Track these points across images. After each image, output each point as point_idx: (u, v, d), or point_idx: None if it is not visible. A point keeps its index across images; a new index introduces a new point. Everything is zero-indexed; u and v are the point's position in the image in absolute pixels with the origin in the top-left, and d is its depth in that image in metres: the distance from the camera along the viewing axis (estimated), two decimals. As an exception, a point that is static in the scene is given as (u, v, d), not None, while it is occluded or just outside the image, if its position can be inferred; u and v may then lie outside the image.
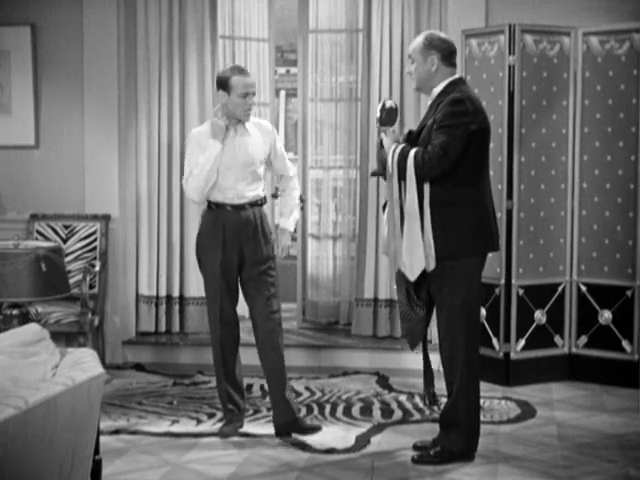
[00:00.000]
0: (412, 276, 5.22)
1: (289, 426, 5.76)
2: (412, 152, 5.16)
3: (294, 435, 5.74)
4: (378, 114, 5.38)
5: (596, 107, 6.95)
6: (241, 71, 5.67)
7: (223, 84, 5.64)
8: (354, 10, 7.95)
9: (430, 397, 5.49)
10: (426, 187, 5.14)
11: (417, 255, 5.16)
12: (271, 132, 5.87)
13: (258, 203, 5.75)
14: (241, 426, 5.86)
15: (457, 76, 5.32)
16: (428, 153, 5.10)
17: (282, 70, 12.35)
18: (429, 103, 5.37)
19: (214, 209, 5.72)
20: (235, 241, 5.68)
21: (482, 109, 5.25)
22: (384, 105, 5.39)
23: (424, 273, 5.23)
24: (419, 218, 5.15)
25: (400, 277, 5.37)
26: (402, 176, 5.19)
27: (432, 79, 5.26)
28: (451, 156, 5.08)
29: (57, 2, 7.59)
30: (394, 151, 5.23)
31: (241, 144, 5.68)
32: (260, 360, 5.87)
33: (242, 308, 6.07)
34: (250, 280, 5.76)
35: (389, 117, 5.36)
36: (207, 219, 5.77)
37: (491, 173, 5.46)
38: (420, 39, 5.30)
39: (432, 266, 5.18)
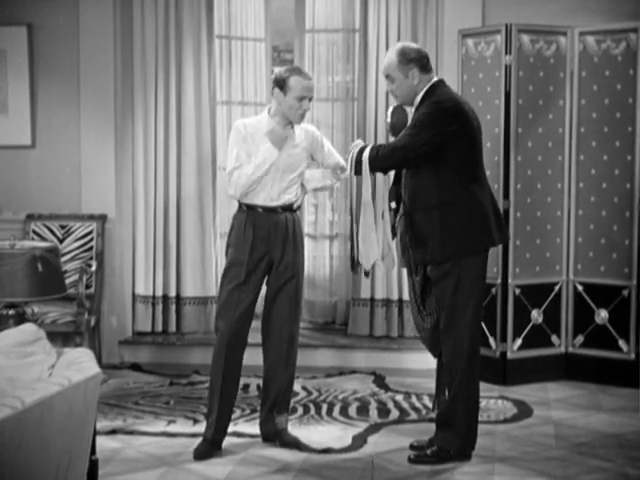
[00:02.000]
0: (367, 265, 5.35)
1: (272, 435, 5.71)
2: (369, 146, 5.27)
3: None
4: (388, 119, 5.42)
5: (592, 107, 6.95)
6: (301, 72, 5.47)
7: (280, 83, 5.43)
8: (351, 10, 7.95)
9: (441, 404, 5.49)
10: (380, 176, 5.25)
11: (372, 244, 5.24)
12: (316, 136, 5.69)
13: (292, 208, 5.56)
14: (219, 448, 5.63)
15: (436, 79, 5.30)
16: (385, 147, 5.19)
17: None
18: (413, 109, 5.36)
19: (245, 210, 5.53)
20: (263, 244, 5.50)
21: (463, 109, 5.22)
22: (394, 111, 5.42)
23: (427, 280, 5.27)
24: (373, 210, 5.27)
25: (411, 289, 5.42)
26: (358, 170, 5.27)
27: (415, 91, 5.25)
28: (413, 149, 5.10)
29: (53, 2, 7.58)
30: (357, 150, 5.32)
31: (287, 150, 5.50)
32: (266, 372, 5.73)
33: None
34: (274, 286, 5.59)
35: (401, 122, 5.39)
36: (239, 221, 5.56)
37: (487, 172, 5.46)
38: (393, 56, 5.25)
39: (391, 267, 5.40)
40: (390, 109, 5.50)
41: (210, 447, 5.50)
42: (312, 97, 5.50)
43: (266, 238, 5.48)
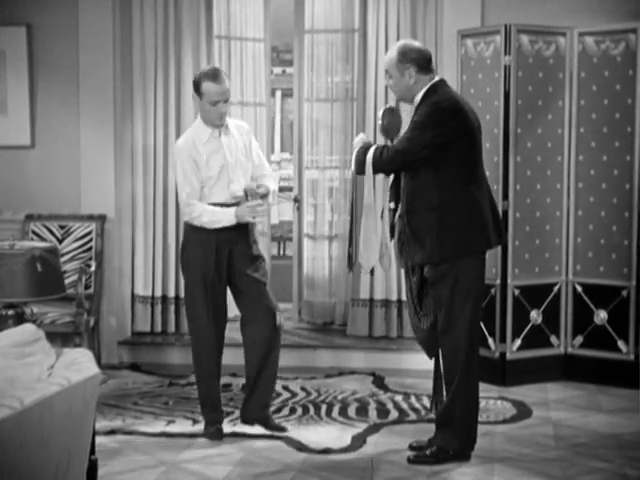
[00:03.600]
0: (367, 267, 5.42)
1: (257, 420, 5.83)
2: (372, 147, 5.26)
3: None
4: (379, 121, 5.43)
5: (592, 107, 6.95)
6: (214, 77, 5.55)
7: (195, 87, 5.61)
8: (350, 10, 7.94)
9: (438, 404, 5.50)
10: (380, 177, 5.23)
11: (372, 247, 5.26)
12: (248, 133, 5.83)
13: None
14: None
15: (437, 79, 5.30)
16: (388, 149, 5.17)
17: (278, 70, 12.37)
18: (413, 108, 5.36)
19: None
20: (226, 244, 5.65)
21: (462, 109, 5.22)
22: (384, 113, 5.43)
23: (424, 281, 5.27)
24: (374, 212, 5.29)
25: (408, 290, 5.44)
26: (360, 170, 5.26)
27: (412, 90, 5.25)
28: (413, 151, 5.10)
29: (53, 2, 7.57)
30: (358, 149, 5.33)
31: (228, 144, 5.66)
32: (247, 360, 5.88)
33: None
34: (241, 281, 5.76)
35: (393, 123, 5.40)
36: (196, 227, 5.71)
37: (487, 173, 5.45)
38: (394, 54, 5.27)
39: (388, 267, 5.41)
40: (381, 111, 5.50)
41: (216, 429, 5.74)
42: (227, 99, 5.60)
43: (227, 236, 5.63)
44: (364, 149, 5.28)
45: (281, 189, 10.63)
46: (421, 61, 5.23)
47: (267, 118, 8.33)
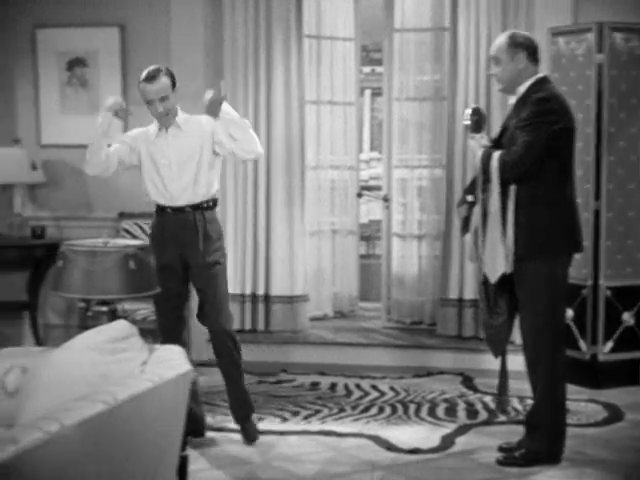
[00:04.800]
0: (493, 278, 5.21)
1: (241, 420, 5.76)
2: (496, 154, 5.14)
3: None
4: (467, 122, 5.36)
5: (687, 105, 6.83)
6: (146, 77, 5.50)
7: (138, 89, 5.61)
8: (440, 8, 7.90)
9: (503, 404, 5.46)
10: (511, 188, 5.10)
11: (498, 257, 5.14)
12: (205, 124, 5.63)
13: (202, 206, 5.60)
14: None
15: (541, 75, 5.26)
16: (511, 154, 5.07)
17: (367, 69, 12.34)
18: (512, 102, 5.33)
19: (159, 212, 5.64)
20: (176, 245, 5.55)
21: (568, 108, 5.19)
22: (472, 111, 5.37)
23: (505, 279, 5.21)
24: (501, 220, 5.13)
25: (481, 285, 5.38)
26: (486, 178, 5.18)
27: (519, 78, 5.20)
28: (535, 155, 5.03)
29: (145, 3, 7.68)
30: (481, 155, 5.21)
31: (173, 143, 5.58)
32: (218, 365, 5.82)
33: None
34: (197, 286, 5.66)
35: (478, 123, 5.33)
36: (154, 222, 5.70)
37: (579, 173, 5.39)
38: (503, 39, 5.25)
39: (509, 269, 5.16)
40: (468, 110, 5.45)
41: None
42: (164, 97, 5.51)
43: (176, 238, 5.54)
44: (486, 156, 5.21)
45: (370, 188, 10.66)
46: (530, 48, 5.22)
47: (356, 117, 8.33)
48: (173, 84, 5.59)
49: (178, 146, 5.58)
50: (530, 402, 5.61)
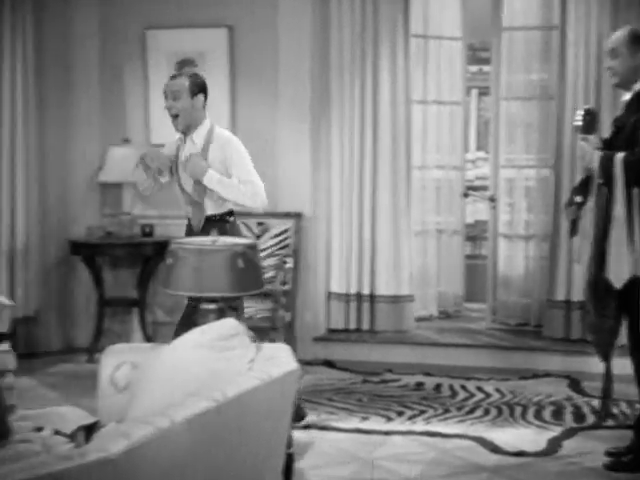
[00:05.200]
0: (618, 284, 5.08)
1: None
2: (619, 155, 5.02)
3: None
4: (580, 122, 5.26)
5: None
6: (171, 76, 5.61)
7: None
8: (549, 6, 7.80)
9: (606, 408, 5.36)
10: (635, 191, 4.99)
11: (624, 262, 5.02)
12: (227, 143, 5.87)
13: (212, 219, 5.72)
14: None
15: None
16: (635, 154, 4.96)
17: (474, 68, 12.25)
18: (624, 100, 5.23)
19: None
20: None
21: None
22: (585, 112, 5.28)
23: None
24: (627, 223, 5.03)
25: (588, 287, 5.25)
26: (606, 182, 5.07)
27: (635, 75, 5.12)
28: None
29: (253, 4, 7.74)
30: (600, 157, 5.10)
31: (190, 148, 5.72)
32: None
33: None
34: None
35: (590, 124, 5.24)
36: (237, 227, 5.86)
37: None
38: (625, 33, 5.17)
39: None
40: (580, 111, 5.36)
41: None
42: (176, 95, 5.52)
43: None
44: (607, 159, 5.12)
45: (476, 188, 10.57)
46: None
47: (462, 117, 8.29)
48: (193, 91, 5.59)
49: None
50: (639, 407, 5.52)
